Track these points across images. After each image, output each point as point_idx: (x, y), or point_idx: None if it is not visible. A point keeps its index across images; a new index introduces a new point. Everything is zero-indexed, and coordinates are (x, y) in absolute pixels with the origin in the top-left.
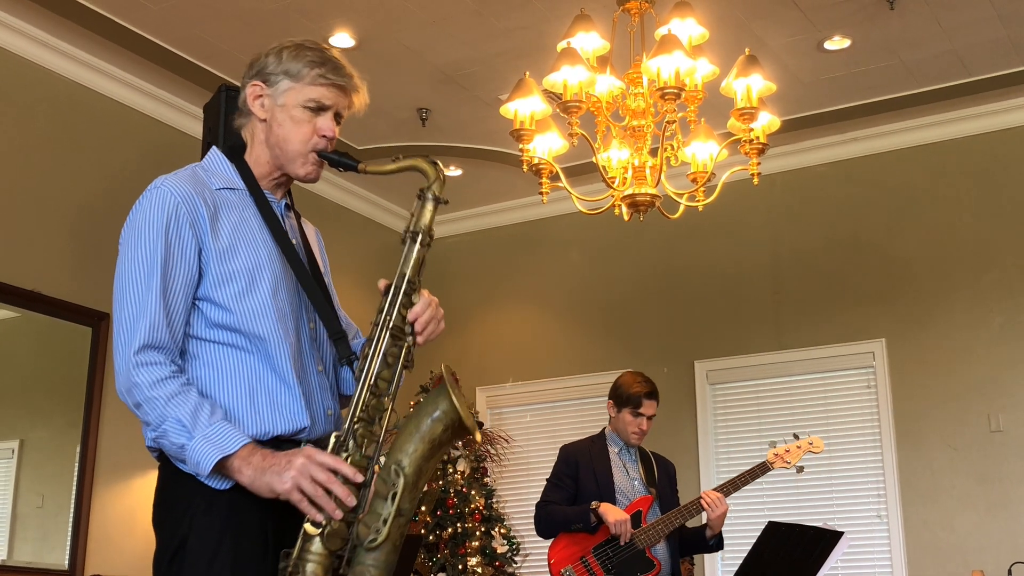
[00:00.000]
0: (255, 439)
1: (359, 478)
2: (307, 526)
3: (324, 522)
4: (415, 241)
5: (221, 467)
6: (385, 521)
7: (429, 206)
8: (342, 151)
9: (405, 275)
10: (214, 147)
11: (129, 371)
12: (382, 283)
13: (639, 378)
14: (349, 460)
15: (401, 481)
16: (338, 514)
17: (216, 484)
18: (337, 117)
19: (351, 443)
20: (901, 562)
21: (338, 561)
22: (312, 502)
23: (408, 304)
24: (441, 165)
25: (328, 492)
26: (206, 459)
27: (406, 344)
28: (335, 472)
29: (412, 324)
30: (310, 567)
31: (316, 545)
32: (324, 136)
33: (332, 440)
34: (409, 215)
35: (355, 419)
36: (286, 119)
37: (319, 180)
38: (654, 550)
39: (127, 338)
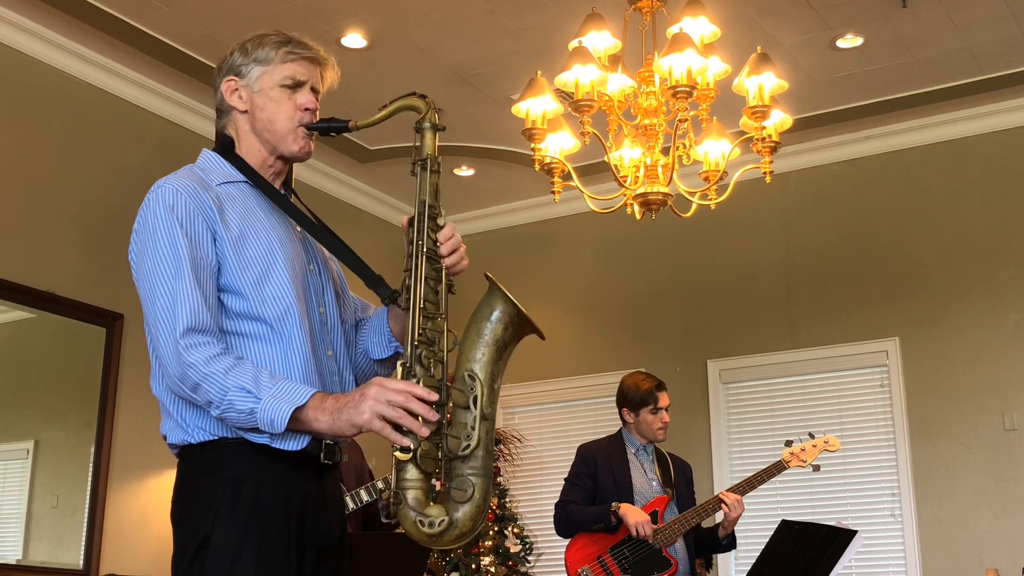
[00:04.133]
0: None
1: (434, 396)
2: (397, 454)
3: (412, 445)
4: (425, 168)
5: (295, 424)
6: (473, 427)
7: (429, 134)
8: (328, 117)
9: (425, 201)
10: (204, 149)
11: (179, 356)
12: (404, 219)
13: (640, 376)
14: (420, 383)
15: (478, 385)
16: (424, 432)
17: (293, 444)
18: (314, 92)
19: (418, 368)
20: (915, 560)
21: (437, 480)
22: (396, 428)
23: (435, 228)
24: (428, 97)
25: (408, 413)
26: (280, 415)
27: (444, 266)
28: (410, 394)
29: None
30: (411, 494)
31: (411, 471)
32: (308, 109)
33: (399, 368)
34: (412, 147)
35: (415, 344)
36: (266, 102)
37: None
38: (671, 549)
39: (169, 327)
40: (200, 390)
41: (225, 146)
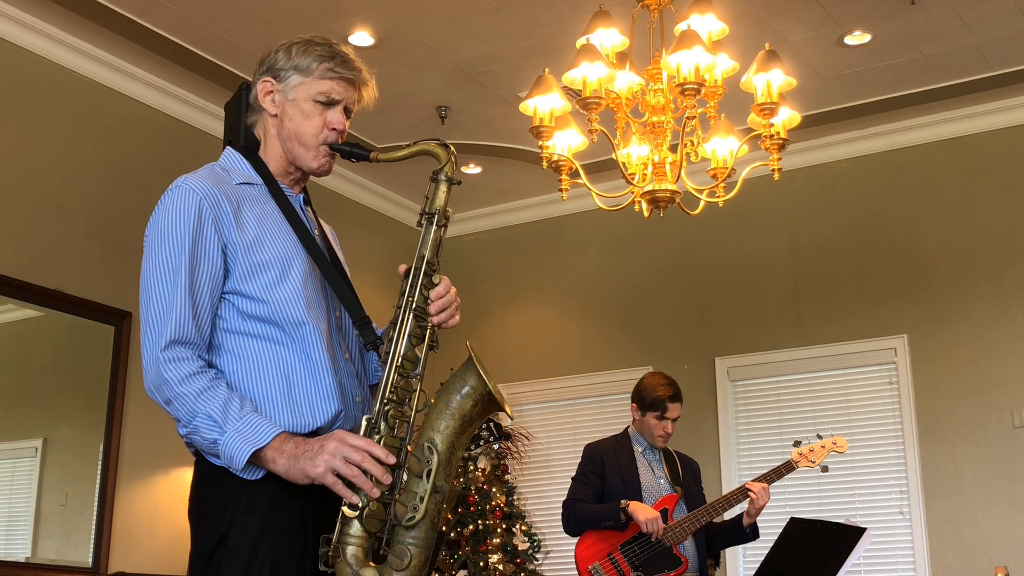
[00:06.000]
0: (294, 433)
1: (391, 459)
2: (345, 509)
3: (361, 504)
4: (431, 222)
5: (255, 459)
6: (422, 499)
7: (443, 187)
8: (353, 142)
9: (424, 256)
10: (229, 147)
11: (158, 367)
12: (402, 268)
13: (663, 380)
14: (381, 441)
15: (435, 458)
16: (375, 492)
17: (250, 475)
18: (347, 111)
19: (382, 425)
20: (924, 558)
21: (378, 543)
22: (348, 484)
23: (429, 285)
24: (452, 147)
25: (363, 472)
26: (239, 453)
27: (430, 325)
28: (368, 453)
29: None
30: (351, 549)
31: (355, 528)
32: (334, 129)
33: (363, 423)
34: (424, 198)
35: (384, 401)
36: (296, 113)
37: (331, 173)
38: (681, 547)
39: (155, 335)
40: (171, 406)
41: (249, 147)
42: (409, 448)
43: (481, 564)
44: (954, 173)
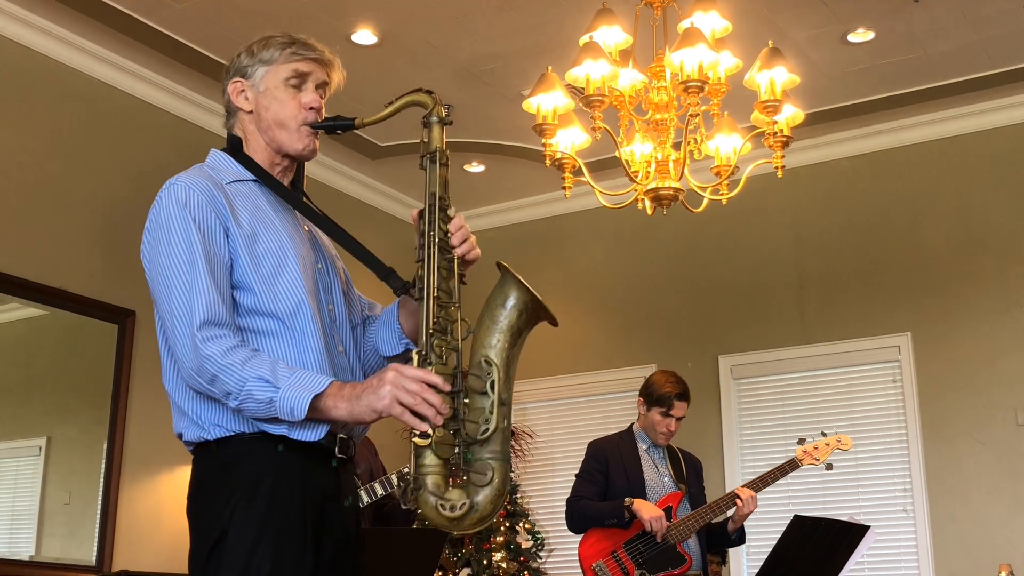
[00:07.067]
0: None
1: (447, 387)
2: (416, 439)
3: (431, 431)
4: (434, 161)
5: (314, 411)
6: (491, 412)
7: (436, 128)
8: (333, 116)
9: (435, 193)
10: (213, 148)
11: (196, 348)
12: (414, 213)
13: (671, 378)
14: (434, 371)
15: (495, 371)
16: (439, 420)
17: (311, 435)
18: (321, 91)
19: (432, 356)
20: (928, 556)
21: (454, 469)
22: (414, 412)
23: (446, 219)
24: (435, 92)
25: (425, 401)
26: (300, 403)
27: (455, 257)
28: (425, 383)
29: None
30: (430, 480)
31: (429, 457)
32: (312, 108)
33: (415, 356)
34: (421, 142)
35: (430, 332)
36: (271, 101)
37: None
38: (685, 545)
39: (186, 321)
40: (217, 382)
41: (233, 146)
42: (464, 370)
43: (485, 562)
44: (958, 171)
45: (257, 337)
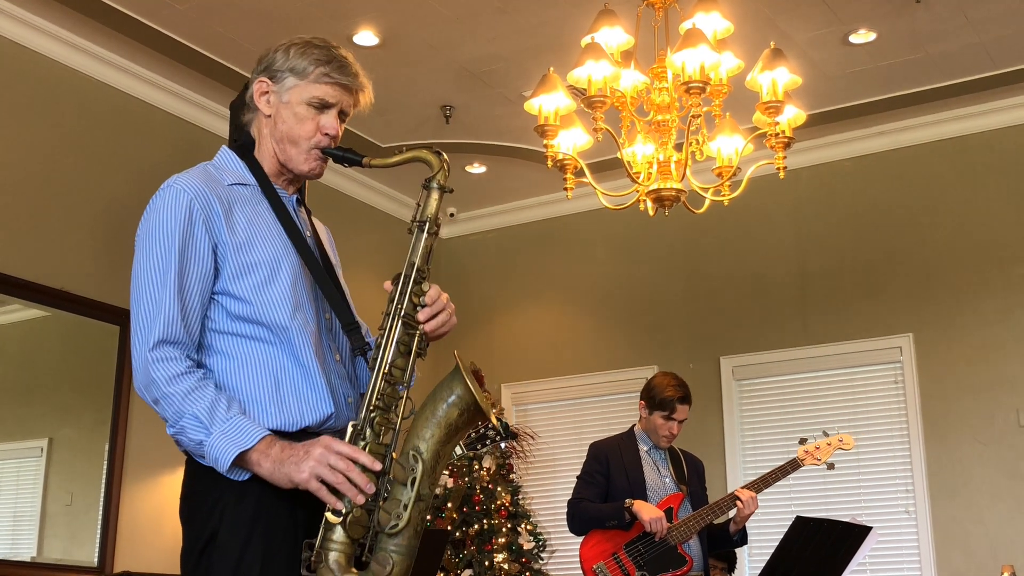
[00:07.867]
0: (282, 431)
1: (377, 466)
2: (328, 515)
3: (345, 510)
4: (422, 230)
5: (240, 461)
6: (406, 507)
7: (435, 195)
8: (346, 147)
9: (414, 264)
10: (224, 146)
11: (146, 367)
12: (388, 284)
13: (673, 381)
14: (367, 448)
15: (420, 467)
16: (360, 499)
17: (235, 476)
18: (341, 115)
19: (368, 431)
20: (930, 557)
21: (360, 549)
22: (332, 490)
23: (419, 292)
24: (445, 155)
25: (347, 479)
26: (224, 455)
27: (418, 332)
28: (353, 460)
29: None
30: (332, 555)
31: (338, 533)
32: (327, 134)
33: (349, 429)
34: (416, 205)
35: (371, 407)
36: (290, 116)
37: (324, 174)
38: (686, 546)
39: (143, 335)
40: (159, 406)
41: (245, 146)
42: (395, 455)
43: (486, 563)
44: (960, 171)
45: (250, 343)
